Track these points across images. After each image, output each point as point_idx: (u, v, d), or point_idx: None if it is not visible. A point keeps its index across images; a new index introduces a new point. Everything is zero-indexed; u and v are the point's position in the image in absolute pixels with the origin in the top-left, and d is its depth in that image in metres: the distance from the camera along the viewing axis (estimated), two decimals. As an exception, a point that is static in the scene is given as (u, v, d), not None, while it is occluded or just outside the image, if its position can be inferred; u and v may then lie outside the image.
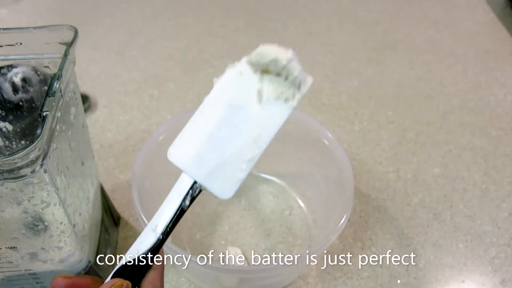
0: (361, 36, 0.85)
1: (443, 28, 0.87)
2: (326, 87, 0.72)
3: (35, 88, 0.38)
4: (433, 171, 0.60)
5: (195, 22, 0.88)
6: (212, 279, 0.46)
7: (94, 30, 0.85)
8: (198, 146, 0.26)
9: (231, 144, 0.26)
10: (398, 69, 0.77)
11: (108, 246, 0.48)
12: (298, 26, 0.87)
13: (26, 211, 0.31)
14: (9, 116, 0.39)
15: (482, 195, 0.57)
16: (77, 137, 0.37)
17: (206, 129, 0.26)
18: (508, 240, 0.52)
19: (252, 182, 0.58)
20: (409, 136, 0.65)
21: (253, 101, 0.26)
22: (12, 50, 0.36)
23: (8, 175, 0.27)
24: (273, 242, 0.51)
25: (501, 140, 0.64)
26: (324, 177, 0.51)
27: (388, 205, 0.55)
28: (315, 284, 0.48)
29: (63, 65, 0.31)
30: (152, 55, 0.78)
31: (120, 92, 0.71)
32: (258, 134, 0.27)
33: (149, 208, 0.41)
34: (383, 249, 0.51)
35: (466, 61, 0.79)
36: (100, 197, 0.48)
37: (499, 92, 0.73)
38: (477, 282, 0.48)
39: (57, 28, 0.34)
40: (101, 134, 0.64)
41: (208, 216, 0.54)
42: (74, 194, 0.36)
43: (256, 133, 0.27)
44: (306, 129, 0.49)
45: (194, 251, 0.50)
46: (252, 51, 0.26)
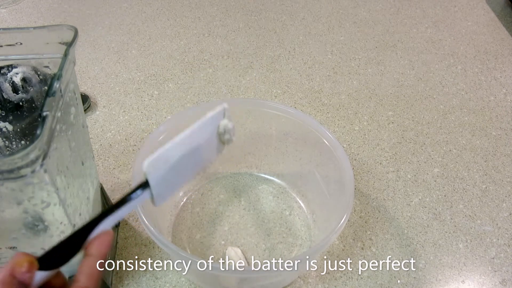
0: (361, 36, 0.85)
1: (443, 28, 0.87)
2: (326, 87, 0.72)
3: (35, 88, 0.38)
4: (433, 171, 0.60)
5: (195, 22, 0.88)
6: (212, 279, 0.46)
7: (94, 30, 0.85)
8: (168, 168, 0.30)
9: (185, 169, 0.32)
10: (398, 69, 0.77)
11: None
12: (298, 26, 0.87)
13: (26, 211, 0.31)
14: (9, 116, 0.39)
15: (482, 195, 0.57)
16: (77, 137, 0.37)
17: (182, 152, 0.31)
18: (508, 240, 0.52)
19: (252, 182, 0.58)
20: (409, 136, 0.65)
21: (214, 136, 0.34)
22: (12, 50, 0.36)
23: (8, 175, 0.27)
24: (273, 242, 0.51)
25: (501, 140, 0.64)
26: (324, 177, 0.51)
27: (388, 205, 0.55)
28: (315, 284, 0.48)
29: (63, 65, 0.31)
30: (152, 55, 0.78)
31: (120, 92, 0.71)
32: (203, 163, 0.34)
33: (149, 208, 0.41)
34: (383, 249, 0.51)
35: (466, 61, 0.79)
36: (100, 197, 0.48)
37: (499, 92, 0.73)
38: (477, 282, 0.48)
39: (57, 28, 0.34)
40: (101, 134, 0.64)
41: (208, 216, 0.54)
42: (74, 194, 0.36)
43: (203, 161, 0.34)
44: (306, 129, 0.49)
45: (194, 251, 0.50)
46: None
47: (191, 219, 0.53)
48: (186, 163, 0.32)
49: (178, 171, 0.31)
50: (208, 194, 0.56)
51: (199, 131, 0.32)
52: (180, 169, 0.31)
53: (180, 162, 0.31)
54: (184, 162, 0.32)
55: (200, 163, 0.34)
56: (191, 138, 0.32)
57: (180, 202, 0.55)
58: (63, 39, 0.35)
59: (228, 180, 0.58)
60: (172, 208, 0.54)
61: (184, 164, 0.32)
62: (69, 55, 0.32)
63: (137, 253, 0.50)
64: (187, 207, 0.54)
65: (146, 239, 0.51)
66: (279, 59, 0.78)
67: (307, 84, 0.73)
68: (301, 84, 0.73)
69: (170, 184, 0.31)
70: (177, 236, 0.51)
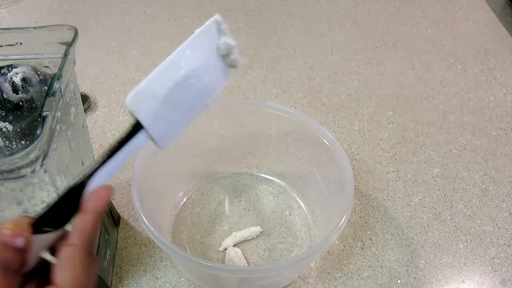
0: (361, 36, 0.85)
1: (443, 28, 0.87)
2: (326, 87, 0.72)
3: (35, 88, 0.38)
4: (433, 171, 0.60)
5: (195, 22, 0.88)
6: (212, 279, 0.46)
7: (94, 30, 0.85)
8: (158, 102, 0.27)
9: (185, 103, 0.28)
10: (398, 69, 0.77)
11: (108, 246, 0.48)
12: (298, 26, 0.87)
13: (26, 211, 0.31)
14: (9, 116, 0.39)
15: (482, 195, 0.57)
16: (77, 137, 0.37)
17: (173, 81, 0.27)
18: (508, 240, 0.52)
19: (252, 182, 0.58)
20: (409, 136, 0.65)
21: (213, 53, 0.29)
22: (12, 50, 0.36)
23: (8, 175, 0.27)
24: (273, 242, 0.51)
25: (501, 140, 0.64)
26: (324, 177, 0.51)
27: (388, 205, 0.55)
28: (315, 284, 0.48)
29: (63, 65, 0.31)
30: (152, 55, 0.78)
31: (120, 92, 0.71)
32: (208, 92, 0.30)
33: (149, 208, 0.41)
34: (383, 249, 0.51)
35: (466, 61, 0.79)
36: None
37: (499, 92, 0.73)
38: (477, 282, 0.48)
39: (57, 28, 0.34)
40: (101, 134, 0.64)
41: (208, 216, 0.54)
42: (74, 194, 0.36)
43: (207, 90, 0.29)
44: (306, 129, 0.49)
45: (194, 251, 0.50)
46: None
47: (191, 219, 0.53)
48: (185, 95, 0.28)
49: (177, 104, 0.28)
50: (208, 194, 0.56)
51: (189, 54, 0.28)
52: (179, 102, 0.28)
53: (175, 94, 0.27)
54: (181, 93, 0.28)
55: (205, 92, 0.29)
56: (178, 64, 0.27)
57: (180, 202, 0.55)
58: (63, 39, 0.35)
59: (228, 180, 0.58)
60: (172, 208, 0.54)
61: (182, 96, 0.28)
62: (69, 55, 0.32)
63: (137, 253, 0.50)
64: (187, 207, 0.54)
65: (146, 239, 0.51)
66: (279, 59, 0.78)
67: (307, 84, 0.73)
68: (301, 84, 0.73)
69: (173, 121, 0.28)
70: (177, 236, 0.51)
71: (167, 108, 0.27)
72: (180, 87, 0.27)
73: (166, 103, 0.27)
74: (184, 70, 0.27)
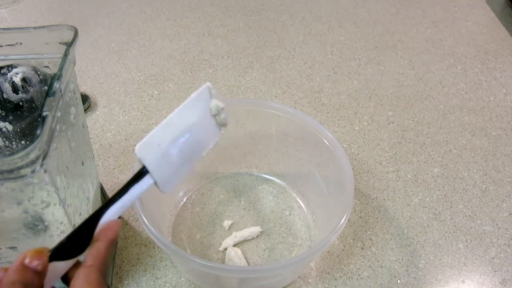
0: (361, 36, 0.85)
1: (443, 28, 0.87)
2: (326, 87, 0.73)
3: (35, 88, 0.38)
4: (433, 171, 0.60)
5: (195, 22, 0.88)
6: (212, 279, 0.46)
7: (94, 30, 0.85)
8: (161, 151, 0.31)
9: (183, 153, 0.33)
10: (398, 69, 0.77)
11: (108, 246, 0.47)
12: (298, 26, 0.87)
13: (26, 211, 0.31)
14: (9, 116, 0.39)
15: (482, 195, 0.57)
16: (77, 137, 0.37)
17: (173, 135, 0.32)
18: (508, 240, 0.52)
19: (252, 182, 0.58)
20: (409, 136, 0.65)
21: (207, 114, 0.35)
22: (12, 50, 0.36)
23: (8, 175, 0.27)
24: (273, 242, 0.51)
25: (501, 140, 0.64)
26: (324, 177, 0.51)
27: (388, 205, 0.55)
28: (315, 284, 0.48)
29: (63, 65, 0.31)
30: (152, 55, 0.78)
31: (120, 92, 0.71)
32: (203, 146, 0.35)
33: (149, 208, 0.41)
34: (383, 249, 0.51)
35: (466, 61, 0.79)
36: (100, 197, 0.48)
37: (499, 92, 0.73)
38: (477, 282, 0.48)
39: (57, 28, 0.34)
40: (101, 134, 0.64)
41: (208, 216, 0.54)
42: (74, 194, 0.36)
43: (202, 144, 0.34)
44: (306, 129, 0.49)
45: (194, 251, 0.50)
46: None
47: (191, 219, 0.53)
48: (184, 147, 0.32)
49: (178, 155, 0.32)
50: (208, 194, 0.56)
51: (187, 113, 0.33)
52: (180, 153, 0.32)
53: (176, 146, 0.32)
54: (181, 145, 0.32)
55: (200, 146, 0.34)
56: (178, 120, 0.32)
57: (180, 202, 0.55)
58: (63, 39, 0.35)
59: (228, 180, 0.58)
60: (172, 208, 0.54)
61: (182, 148, 0.32)
62: (69, 55, 0.32)
63: (137, 253, 0.50)
64: (187, 207, 0.54)
65: (146, 239, 0.51)
66: (279, 59, 0.78)
67: (307, 84, 0.73)
68: (301, 84, 0.73)
69: (173, 169, 0.32)
70: (177, 236, 0.51)
71: (169, 156, 0.31)
72: (179, 140, 0.32)
73: (168, 152, 0.31)
74: (183, 125, 0.32)
